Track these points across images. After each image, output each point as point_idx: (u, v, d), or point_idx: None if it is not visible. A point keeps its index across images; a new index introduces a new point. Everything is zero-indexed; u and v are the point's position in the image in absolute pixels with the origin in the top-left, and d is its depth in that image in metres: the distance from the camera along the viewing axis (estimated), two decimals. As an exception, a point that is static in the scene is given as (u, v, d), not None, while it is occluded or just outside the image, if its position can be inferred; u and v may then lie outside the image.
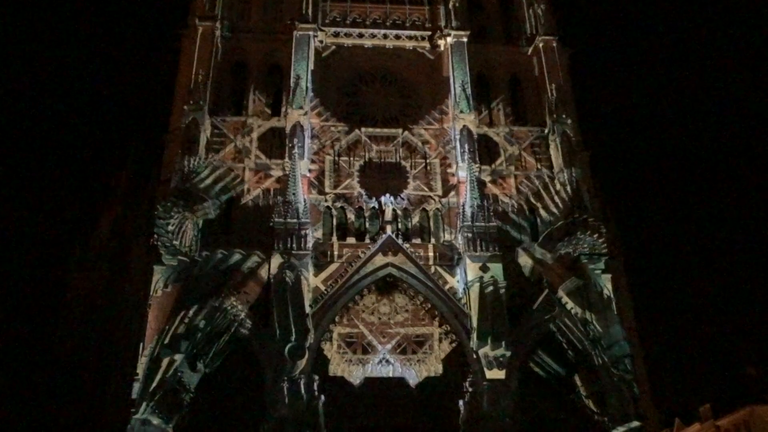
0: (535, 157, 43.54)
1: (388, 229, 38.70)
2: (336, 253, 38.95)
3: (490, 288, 36.12)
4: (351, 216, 40.40)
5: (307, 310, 35.07)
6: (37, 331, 46.30)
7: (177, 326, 33.55)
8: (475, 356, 34.88)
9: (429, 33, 47.24)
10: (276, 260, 35.79)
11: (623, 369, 34.42)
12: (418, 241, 39.82)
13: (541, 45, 46.82)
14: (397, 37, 47.20)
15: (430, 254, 39.24)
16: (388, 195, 40.35)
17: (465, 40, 45.98)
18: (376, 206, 40.46)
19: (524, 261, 38.13)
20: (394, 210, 40.08)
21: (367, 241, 39.12)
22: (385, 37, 47.07)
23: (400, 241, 38.31)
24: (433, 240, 40.26)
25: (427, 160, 42.67)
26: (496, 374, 34.18)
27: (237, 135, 41.88)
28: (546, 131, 43.64)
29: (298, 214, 37.23)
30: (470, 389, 34.66)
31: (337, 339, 36.86)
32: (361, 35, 46.90)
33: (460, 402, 34.83)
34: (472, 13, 49.13)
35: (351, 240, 39.58)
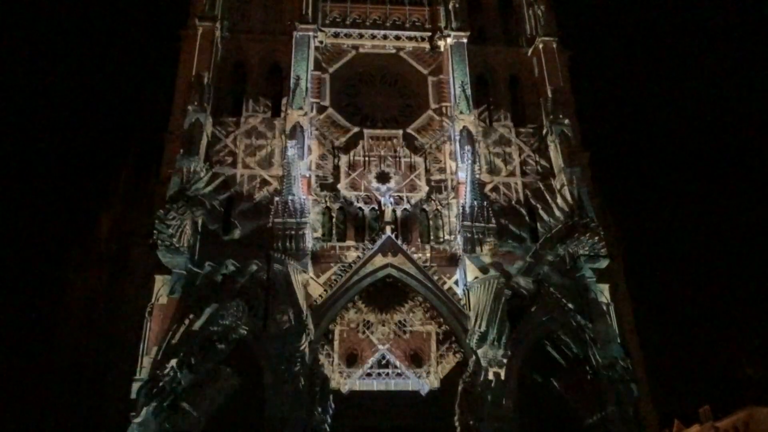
0: (535, 157, 43.56)
1: (388, 229, 38.65)
2: (335, 253, 38.97)
3: (490, 288, 36.08)
4: (350, 216, 40.40)
5: (306, 310, 35.04)
6: (35, 332, 46.30)
7: (178, 332, 33.41)
8: (474, 356, 34.88)
9: (429, 34, 47.21)
10: (274, 260, 35.72)
11: (620, 369, 34.36)
12: (417, 241, 39.83)
13: (540, 46, 46.81)
14: (397, 37, 47.15)
15: (429, 255, 39.26)
16: (387, 196, 40.34)
17: (465, 41, 45.99)
18: (376, 207, 40.50)
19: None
20: (393, 210, 40.09)
21: (367, 241, 39.10)
22: (385, 37, 47.03)
23: (399, 242, 38.30)
24: (432, 240, 40.30)
25: (427, 161, 42.67)
26: (496, 374, 34.18)
27: (237, 135, 41.96)
28: (544, 132, 43.60)
29: (297, 215, 37.18)
30: (470, 389, 34.57)
31: (336, 340, 36.89)
32: (361, 36, 46.89)
33: (458, 402, 34.72)
34: (472, 14, 49.15)
35: (350, 241, 39.56)
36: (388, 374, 36.37)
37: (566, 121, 42.86)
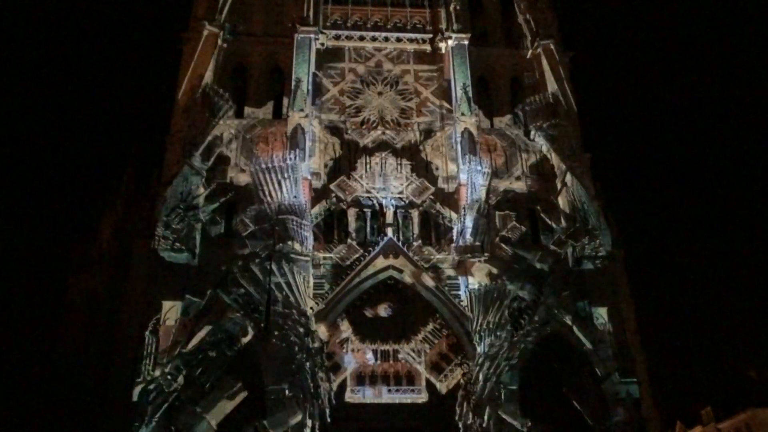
0: (536, 160, 43.51)
1: (389, 231, 38.67)
2: (337, 255, 38.99)
3: (491, 290, 36.08)
4: (352, 218, 40.41)
5: (309, 313, 35.05)
6: (37, 333, 46.36)
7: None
8: (476, 358, 34.83)
9: (430, 36, 47.16)
10: (275, 262, 35.69)
11: (621, 371, 34.36)
12: (419, 243, 39.82)
13: (541, 48, 46.76)
14: (399, 39, 47.12)
15: (431, 256, 39.25)
16: (389, 197, 40.34)
17: (466, 42, 45.98)
18: (377, 208, 40.49)
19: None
20: (395, 212, 40.07)
21: (368, 243, 39.07)
22: (387, 39, 47.01)
23: (400, 244, 38.28)
24: (434, 243, 40.26)
25: (429, 163, 42.68)
26: (497, 376, 34.08)
27: (238, 137, 42.00)
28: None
29: (299, 217, 37.19)
30: (471, 391, 34.55)
31: (340, 341, 36.90)
32: (362, 38, 46.86)
33: (459, 402, 34.72)
34: (473, 16, 49.20)
35: (352, 242, 39.55)
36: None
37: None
